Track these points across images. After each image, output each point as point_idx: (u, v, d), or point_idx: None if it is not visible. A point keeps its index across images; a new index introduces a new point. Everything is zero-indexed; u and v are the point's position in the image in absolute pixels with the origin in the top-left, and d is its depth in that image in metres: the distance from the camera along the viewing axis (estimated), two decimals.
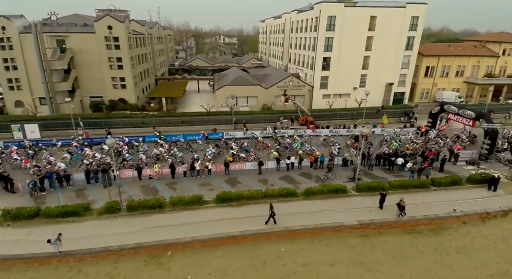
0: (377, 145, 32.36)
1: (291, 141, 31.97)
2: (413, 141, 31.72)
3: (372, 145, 30.95)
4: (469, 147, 31.18)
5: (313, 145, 31.59)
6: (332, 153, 28.32)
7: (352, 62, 46.22)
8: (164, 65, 74.81)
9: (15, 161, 26.30)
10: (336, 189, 22.79)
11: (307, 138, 33.77)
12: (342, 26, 44.16)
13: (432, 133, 33.82)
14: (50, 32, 40.02)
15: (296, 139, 32.15)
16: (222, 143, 31.75)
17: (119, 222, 19.73)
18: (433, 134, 33.59)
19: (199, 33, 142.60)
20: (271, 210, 18.60)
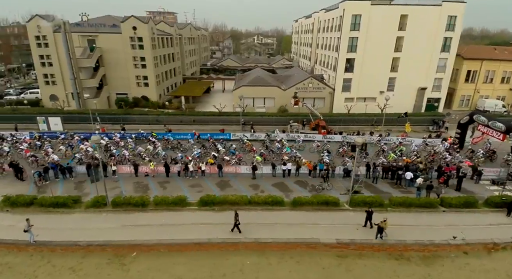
0: (373, 155, 29.79)
1: (281, 145, 30.63)
2: (416, 153, 28.46)
3: (368, 155, 28.39)
4: (482, 164, 27.14)
5: (306, 151, 30.28)
6: (322, 160, 26.42)
7: (379, 64, 43.05)
8: (196, 65, 76.83)
9: (21, 151, 28.53)
10: (327, 201, 21.17)
11: (301, 144, 32.30)
12: (368, 25, 41.34)
13: (440, 146, 30.35)
14: (81, 32, 43.15)
15: (285, 144, 30.74)
16: (210, 144, 31.37)
17: (103, 217, 20.34)
18: (441, 147, 30.09)
19: (237, 34, 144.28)
20: (235, 218, 17.81)
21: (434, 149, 30.05)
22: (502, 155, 28.78)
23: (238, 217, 17.90)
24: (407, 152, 29.67)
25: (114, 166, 25.59)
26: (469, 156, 28.79)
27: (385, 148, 30.00)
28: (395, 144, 31.74)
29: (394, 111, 40.42)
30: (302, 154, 29.36)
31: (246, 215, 20.25)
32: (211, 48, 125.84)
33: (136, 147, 29.67)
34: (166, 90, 52.18)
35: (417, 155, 27.92)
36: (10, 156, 27.67)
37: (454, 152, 28.50)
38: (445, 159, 27.26)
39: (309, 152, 30.53)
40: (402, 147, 30.17)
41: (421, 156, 28.69)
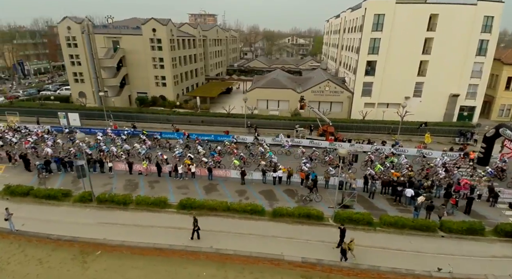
0: (361, 165, 27.28)
1: (263, 149, 29.40)
2: (408, 166, 25.54)
3: (352, 165, 25.98)
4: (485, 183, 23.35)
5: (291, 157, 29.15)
6: (302, 169, 24.82)
7: (405, 67, 39.77)
8: (222, 65, 77.75)
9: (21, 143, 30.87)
10: (309, 214, 19.74)
11: (287, 149, 30.85)
12: (392, 25, 38.37)
13: (437, 160, 27.14)
14: (106, 34, 45.60)
15: (267, 149, 29.46)
16: (195, 145, 31.14)
17: (86, 212, 21.03)
18: (440, 161, 26.86)
19: (270, 35, 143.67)
20: (194, 223, 17.29)
21: (428, 162, 27.01)
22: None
23: (197, 223, 17.41)
24: (398, 164, 27.08)
25: (110, 162, 26.45)
26: (471, 173, 25.27)
27: (372, 158, 27.57)
28: (384, 154, 29.14)
29: (420, 119, 37.14)
30: (289, 160, 28.04)
31: (222, 222, 19.78)
32: (244, 49, 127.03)
33: (122, 144, 30.46)
34: (185, 90, 53.31)
35: (409, 168, 25.14)
36: (18, 146, 29.92)
37: (453, 168, 25.37)
38: (438, 175, 24.28)
39: (294, 158, 29.10)
40: (393, 158, 27.56)
41: (414, 169, 25.71)
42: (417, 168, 26.47)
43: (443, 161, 26.72)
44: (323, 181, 24.19)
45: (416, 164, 27.88)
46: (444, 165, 25.92)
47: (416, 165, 27.56)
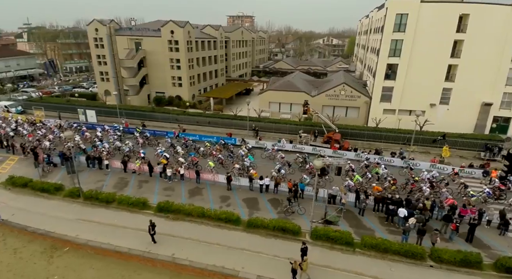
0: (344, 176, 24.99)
1: (244, 153, 28.55)
2: (390, 179, 23.09)
3: (327, 175, 23.66)
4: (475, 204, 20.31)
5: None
6: (272, 174, 23.50)
7: (430, 71, 36.37)
8: (247, 66, 77.78)
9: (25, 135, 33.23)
10: (285, 228, 18.54)
11: (270, 152, 29.88)
12: (416, 26, 35.26)
13: (424, 173, 24.43)
14: (129, 35, 47.65)
15: (245, 152, 28.66)
16: (181, 144, 31.14)
17: (72, 207, 21.87)
18: (426, 175, 24.18)
19: (303, 35, 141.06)
20: (149, 227, 17.11)
21: (413, 176, 24.18)
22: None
23: (153, 227, 17.25)
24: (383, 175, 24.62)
25: (107, 160, 27.34)
26: (464, 193, 22.17)
27: (353, 167, 25.35)
28: (364, 163, 26.93)
29: (448, 129, 33.69)
30: (273, 165, 26.99)
31: (195, 229, 19.38)
32: (275, 50, 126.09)
33: (114, 141, 31.26)
34: (203, 91, 53.96)
35: (391, 181, 22.71)
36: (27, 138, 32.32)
37: (441, 186, 22.57)
38: (421, 191, 21.67)
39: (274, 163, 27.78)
40: (377, 169, 25.15)
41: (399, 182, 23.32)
42: (403, 182, 24.19)
43: (429, 176, 23.98)
44: (312, 192, 22.67)
45: (402, 175, 25.58)
46: (430, 181, 23.17)
47: (402, 177, 25.28)
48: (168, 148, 30.43)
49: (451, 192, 22.39)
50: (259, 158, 29.72)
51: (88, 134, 33.14)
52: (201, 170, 25.68)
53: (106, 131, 34.73)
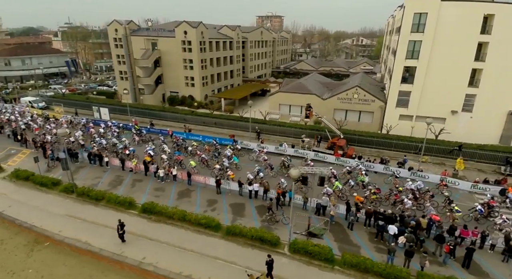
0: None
1: (230, 154, 28.14)
2: (371, 188, 21.36)
3: (305, 181, 21.74)
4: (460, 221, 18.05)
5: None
6: (248, 177, 22.76)
7: (452, 75, 33.61)
8: (266, 67, 77.12)
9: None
10: (263, 238, 17.75)
11: (257, 155, 29.22)
12: (436, 26, 32.73)
13: (409, 183, 22.34)
14: (146, 36, 48.87)
15: (232, 153, 28.22)
16: (173, 143, 31.47)
17: (65, 202, 22.58)
18: (410, 185, 22.12)
19: (332, 35, 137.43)
20: (118, 226, 17.18)
21: (397, 186, 22.37)
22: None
23: (121, 227, 17.35)
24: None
25: (106, 157, 28.04)
26: (450, 208, 19.72)
27: (335, 172, 23.92)
28: (347, 170, 25.44)
29: (471, 139, 31.05)
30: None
31: (173, 233, 19.19)
32: (300, 50, 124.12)
33: (111, 138, 31.96)
34: (217, 91, 54.12)
35: (373, 190, 21.05)
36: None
37: (426, 198, 20.49)
38: (403, 203, 19.87)
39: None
40: (363, 177, 23.52)
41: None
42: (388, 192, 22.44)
43: (413, 186, 22.02)
44: (301, 201, 21.66)
45: (387, 183, 23.93)
46: (413, 192, 21.22)
47: (388, 185, 23.65)
48: (159, 146, 30.82)
49: (437, 205, 20.60)
50: (247, 160, 29.31)
51: (93, 130, 34.31)
52: (186, 169, 25.74)
53: (109, 128, 35.77)
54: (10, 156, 30.63)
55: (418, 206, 20.63)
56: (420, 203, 20.85)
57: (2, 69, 68.70)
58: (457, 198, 22.92)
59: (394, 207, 20.60)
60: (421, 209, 20.45)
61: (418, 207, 20.60)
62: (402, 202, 20.23)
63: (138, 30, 50.82)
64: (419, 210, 20.45)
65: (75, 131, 34.85)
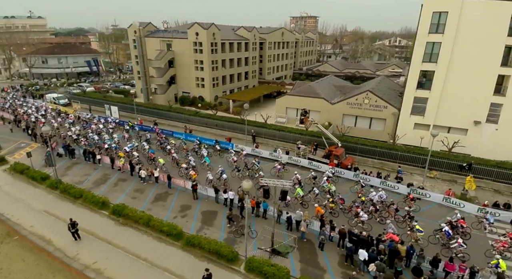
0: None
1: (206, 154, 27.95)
2: (331, 196, 19.83)
3: (267, 194, 19.45)
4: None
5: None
6: (207, 178, 22.32)
7: (475, 82, 29.98)
8: (287, 69, 75.43)
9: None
10: (219, 252, 16.67)
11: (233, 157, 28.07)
12: (457, 26, 29.36)
13: (372, 194, 20.60)
14: (161, 37, 49.86)
15: (205, 155, 28.20)
16: (157, 141, 31.67)
17: (48, 198, 23.34)
18: (373, 195, 20.39)
19: (370, 35, 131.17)
20: (70, 226, 17.27)
21: (360, 195, 20.74)
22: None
23: (73, 226, 17.49)
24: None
25: (99, 154, 28.64)
26: (410, 226, 17.51)
27: (299, 178, 22.56)
28: (312, 175, 23.95)
29: (494, 154, 27.65)
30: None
31: (135, 238, 18.86)
32: (328, 51, 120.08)
33: (104, 134, 32.70)
34: (229, 92, 53.68)
35: (331, 199, 19.67)
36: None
37: (392, 213, 18.66)
38: (358, 216, 18.08)
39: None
40: (330, 185, 21.67)
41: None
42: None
43: (376, 197, 20.10)
44: (274, 212, 20.15)
45: (354, 192, 22.16)
46: (373, 203, 19.38)
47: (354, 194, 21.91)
48: (141, 143, 31.32)
49: (399, 220, 18.87)
50: (225, 161, 28.59)
51: (94, 127, 35.47)
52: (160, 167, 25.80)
53: (110, 123, 36.94)
54: (19, 149, 32.54)
55: (380, 220, 18.92)
56: (382, 216, 19.07)
57: (39, 66, 74.38)
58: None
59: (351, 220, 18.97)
60: (383, 222, 18.66)
61: (380, 221, 18.87)
62: (357, 215, 18.28)
63: (155, 32, 51.97)
64: (381, 224, 18.69)
65: (73, 126, 36.29)
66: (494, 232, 18.81)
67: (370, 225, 18.70)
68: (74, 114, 41.33)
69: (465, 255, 16.50)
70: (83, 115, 41.32)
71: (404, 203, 21.24)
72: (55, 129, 34.43)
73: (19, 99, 50.39)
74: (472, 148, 31.01)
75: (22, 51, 75.00)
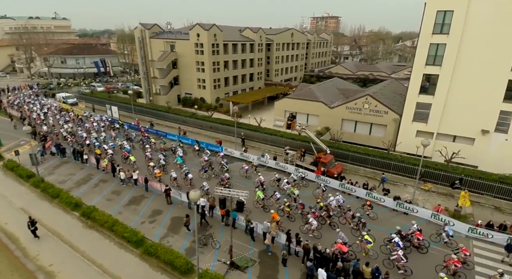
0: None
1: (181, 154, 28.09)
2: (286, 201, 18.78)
3: (222, 204, 19.25)
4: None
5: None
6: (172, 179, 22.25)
7: (483, 87, 27.64)
8: (297, 70, 73.93)
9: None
10: (173, 263, 15.96)
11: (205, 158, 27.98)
12: (464, 27, 27.15)
13: (332, 199, 19.76)
14: (165, 38, 50.11)
15: (180, 155, 28.25)
16: (139, 139, 32.26)
17: (29, 196, 23.85)
18: (331, 200, 19.74)
19: (382, 36, 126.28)
20: (29, 224, 17.49)
21: (319, 201, 19.77)
22: None
23: (32, 224, 17.70)
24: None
25: (86, 154, 28.90)
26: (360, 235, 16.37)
27: (262, 180, 22.15)
28: (275, 177, 23.19)
29: (502, 167, 25.36)
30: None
31: (98, 242, 18.68)
32: (345, 52, 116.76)
33: (91, 132, 33.21)
34: (232, 94, 53.11)
35: (288, 203, 18.85)
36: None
37: (349, 220, 17.78)
38: (308, 223, 17.40)
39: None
40: (293, 189, 20.79)
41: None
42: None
43: (334, 202, 19.46)
44: (243, 222, 19.23)
45: (316, 196, 21.27)
46: (327, 208, 18.75)
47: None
48: (122, 142, 31.51)
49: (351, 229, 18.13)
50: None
51: (88, 125, 36.12)
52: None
53: (103, 121, 37.63)
54: (18, 146, 33.58)
55: (333, 225, 18.40)
56: (335, 222, 18.61)
57: (58, 66, 77.54)
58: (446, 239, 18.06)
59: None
60: (335, 228, 18.02)
61: (332, 227, 18.36)
62: (307, 222, 17.60)
63: (160, 33, 52.34)
64: (334, 229, 17.93)
65: (66, 124, 37.12)
66: (454, 246, 17.25)
67: (320, 233, 18.18)
68: (76, 113, 42.34)
69: (407, 269, 15.63)
70: (82, 114, 42.37)
71: (362, 209, 20.39)
72: (51, 126, 35.30)
73: (30, 97, 52.49)
74: (479, 159, 28.59)
75: (43, 51, 78.53)
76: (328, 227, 19.00)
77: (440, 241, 18.13)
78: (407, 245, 17.19)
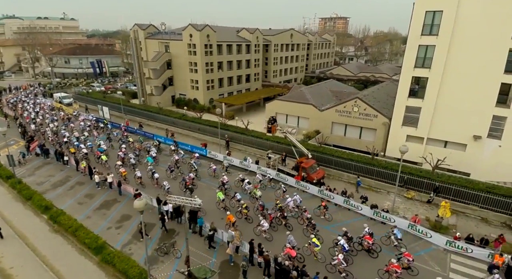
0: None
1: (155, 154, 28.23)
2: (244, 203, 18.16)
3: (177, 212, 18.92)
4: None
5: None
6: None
7: (475, 91, 26.33)
8: (297, 71, 72.92)
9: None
10: (126, 272, 15.47)
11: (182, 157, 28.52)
12: (453, 27, 25.98)
13: (288, 200, 19.54)
14: (159, 39, 50.04)
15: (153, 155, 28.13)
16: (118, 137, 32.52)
17: (5, 197, 24.06)
18: (289, 201, 19.58)
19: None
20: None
21: (278, 202, 19.36)
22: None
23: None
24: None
25: (66, 156, 28.84)
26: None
27: (225, 180, 22.07)
28: (239, 177, 23.36)
29: (495, 175, 24.86)
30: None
31: (60, 248, 18.49)
32: (350, 53, 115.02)
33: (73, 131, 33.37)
34: (227, 95, 52.62)
35: (245, 205, 18.75)
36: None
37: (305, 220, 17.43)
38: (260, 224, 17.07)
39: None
40: (255, 190, 20.59)
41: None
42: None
43: (290, 202, 19.43)
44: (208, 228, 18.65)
45: (276, 197, 21.23)
46: (281, 209, 18.66)
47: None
48: (104, 142, 31.73)
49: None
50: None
51: (73, 125, 36.25)
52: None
53: (90, 121, 37.79)
54: (6, 146, 33.80)
55: (288, 226, 18.58)
56: (289, 223, 18.55)
57: (61, 66, 78.62)
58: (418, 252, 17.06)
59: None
60: (291, 229, 18.00)
61: (288, 228, 18.40)
62: (259, 224, 17.34)
63: (155, 33, 52.29)
64: (290, 230, 17.80)
65: (51, 123, 37.34)
66: (404, 250, 16.17)
67: (271, 235, 17.86)
68: (66, 112, 42.64)
69: (348, 273, 15.29)
70: (72, 113, 42.66)
71: (318, 210, 20.17)
72: (39, 125, 35.55)
73: (27, 96, 53.19)
74: (472, 166, 27.33)
75: (48, 51, 79.79)
76: (284, 228, 18.61)
77: (390, 244, 17.62)
78: (358, 248, 17.04)
